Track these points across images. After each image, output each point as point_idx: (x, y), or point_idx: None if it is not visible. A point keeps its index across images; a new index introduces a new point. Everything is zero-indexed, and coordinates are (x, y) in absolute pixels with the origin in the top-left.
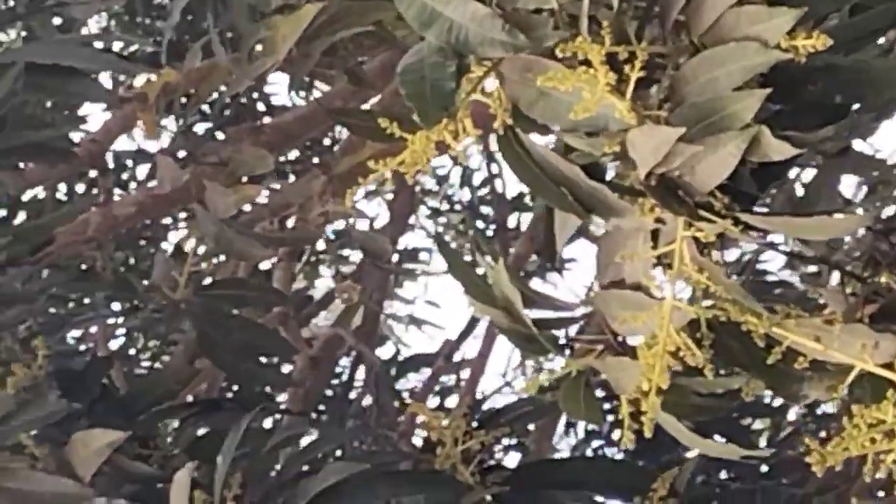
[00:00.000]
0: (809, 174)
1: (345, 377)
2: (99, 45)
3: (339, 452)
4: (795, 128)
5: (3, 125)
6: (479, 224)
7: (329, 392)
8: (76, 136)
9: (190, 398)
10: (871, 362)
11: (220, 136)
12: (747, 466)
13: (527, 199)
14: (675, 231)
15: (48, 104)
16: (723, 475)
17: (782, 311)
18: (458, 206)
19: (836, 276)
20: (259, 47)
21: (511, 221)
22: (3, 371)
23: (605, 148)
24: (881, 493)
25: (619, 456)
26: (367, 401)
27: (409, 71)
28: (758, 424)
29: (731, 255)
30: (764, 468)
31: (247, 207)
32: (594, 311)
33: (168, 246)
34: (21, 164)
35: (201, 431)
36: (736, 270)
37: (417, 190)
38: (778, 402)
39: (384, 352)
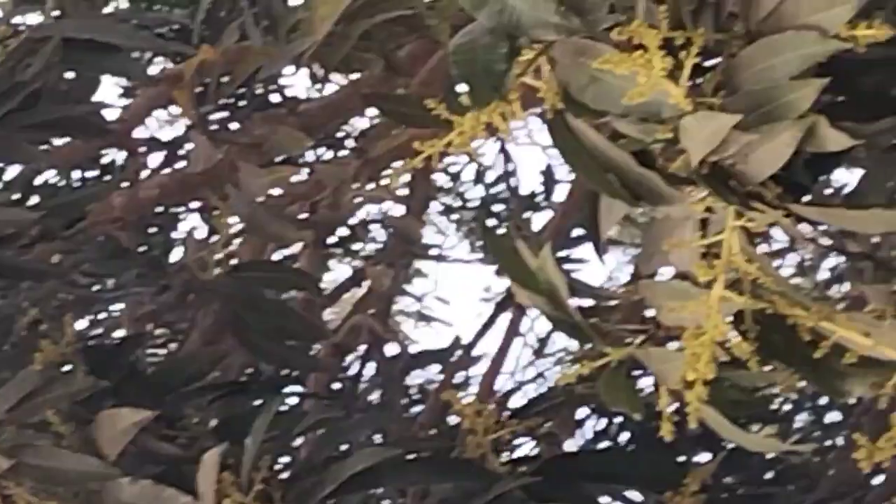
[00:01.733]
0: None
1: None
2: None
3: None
4: (851, 119)
5: (37, 99)
6: (492, 222)
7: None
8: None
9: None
10: None
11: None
12: (754, 471)
13: (538, 199)
14: (724, 220)
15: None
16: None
17: (828, 306)
18: (469, 204)
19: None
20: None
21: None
22: (31, 347)
23: (658, 134)
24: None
25: None
26: (374, 395)
27: (460, 51)
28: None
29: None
30: (768, 475)
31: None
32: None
33: (178, 235)
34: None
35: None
36: None
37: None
38: (786, 408)
39: (391, 347)
